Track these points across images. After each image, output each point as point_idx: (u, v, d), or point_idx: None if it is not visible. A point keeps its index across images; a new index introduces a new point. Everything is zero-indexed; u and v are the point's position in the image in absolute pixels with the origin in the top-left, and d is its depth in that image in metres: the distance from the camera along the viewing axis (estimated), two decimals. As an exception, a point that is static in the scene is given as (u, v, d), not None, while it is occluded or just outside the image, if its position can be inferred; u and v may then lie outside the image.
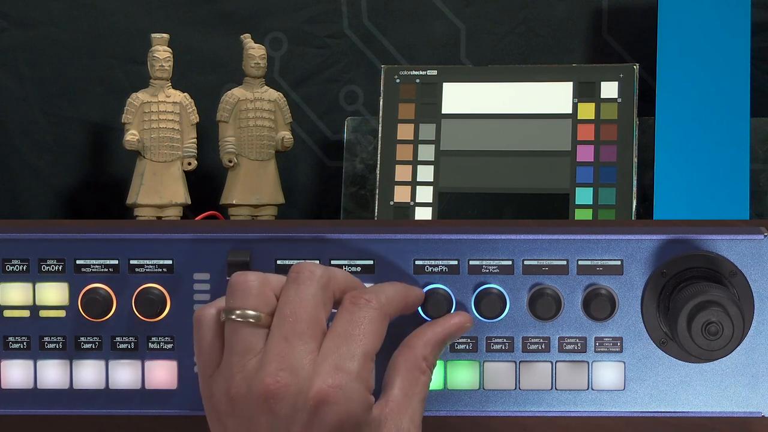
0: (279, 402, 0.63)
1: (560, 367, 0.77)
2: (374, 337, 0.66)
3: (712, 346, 0.70)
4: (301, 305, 0.65)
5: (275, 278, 0.67)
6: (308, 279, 0.66)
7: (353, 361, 0.64)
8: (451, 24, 1.14)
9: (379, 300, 0.67)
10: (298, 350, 0.64)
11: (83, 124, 1.16)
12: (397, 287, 0.71)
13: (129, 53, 1.14)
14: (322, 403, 0.63)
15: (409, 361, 0.68)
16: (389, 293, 0.68)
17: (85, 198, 1.16)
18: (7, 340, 0.78)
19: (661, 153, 0.96)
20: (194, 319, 0.68)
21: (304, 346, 0.64)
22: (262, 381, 0.63)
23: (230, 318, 0.65)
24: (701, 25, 0.98)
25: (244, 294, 0.66)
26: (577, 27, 1.13)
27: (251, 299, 0.66)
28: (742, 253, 0.76)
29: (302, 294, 0.65)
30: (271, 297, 0.66)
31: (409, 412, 0.67)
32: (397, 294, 0.70)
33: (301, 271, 0.66)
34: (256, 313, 0.65)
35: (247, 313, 0.65)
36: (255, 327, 0.65)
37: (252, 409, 0.63)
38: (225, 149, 1.01)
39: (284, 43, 1.15)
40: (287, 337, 0.64)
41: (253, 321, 0.65)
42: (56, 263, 0.77)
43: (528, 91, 0.99)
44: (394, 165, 0.99)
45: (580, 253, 0.76)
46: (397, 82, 1.01)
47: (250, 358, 0.64)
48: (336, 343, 0.64)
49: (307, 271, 0.66)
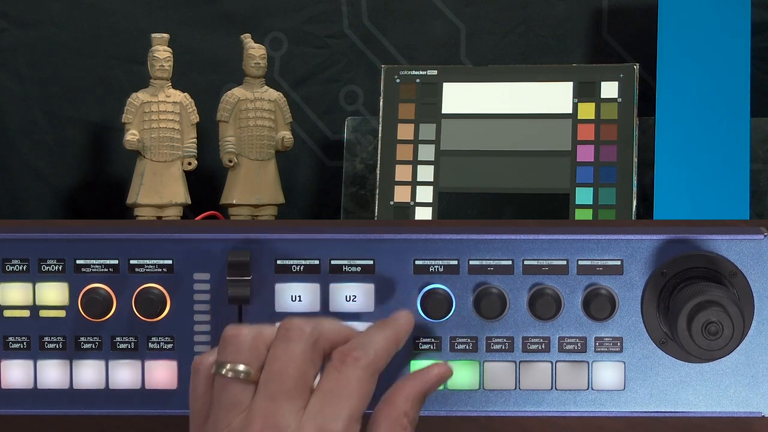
0: None
1: (560, 367, 0.77)
2: (361, 398, 0.64)
3: (712, 346, 0.70)
4: (289, 363, 0.64)
5: (269, 331, 0.66)
6: (297, 337, 0.64)
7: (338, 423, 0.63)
8: (451, 24, 1.14)
9: (368, 356, 0.65)
10: (284, 409, 0.63)
11: (83, 124, 1.16)
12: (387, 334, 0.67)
13: (129, 53, 1.14)
14: None
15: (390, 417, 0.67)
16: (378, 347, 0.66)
17: (85, 198, 1.16)
18: (7, 340, 0.78)
19: (661, 153, 0.96)
20: (192, 367, 0.67)
21: (291, 404, 0.63)
22: None
23: (220, 372, 0.65)
24: (701, 25, 0.98)
25: (236, 348, 0.65)
26: (577, 27, 1.13)
27: (242, 354, 0.64)
28: (742, 253, 0.76)
29: (291, 351, 0.64)
30: (264, 351, 0.65)
31: None
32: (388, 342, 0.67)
33: (290, 329, 0.65)
34: (245, 368, 0.64)
35: (237, 368, 0.64)
36: (244, 383, 0.64)
37: None
38: (225, 149, 1.01)
39: (284, 43, 1.15)
40: (273, 396, 0.63)
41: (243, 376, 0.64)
42: (56, 263, 0.77)
43: (528, 91, 0.99)
44: (394, 165, 0.99)
45: (580, 253, 0.76)
46: (397, 82, 1.01)
47: (236, 415, 0.64)
48: (322, 403, 0.63)
49: (296, 329, 0.65)
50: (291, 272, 0.78)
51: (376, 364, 0.65)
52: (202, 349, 0.78)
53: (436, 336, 0.78)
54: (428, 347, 0.78)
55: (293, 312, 0.78)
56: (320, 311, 0.78)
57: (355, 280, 0.78)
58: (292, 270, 0.78)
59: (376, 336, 0.67)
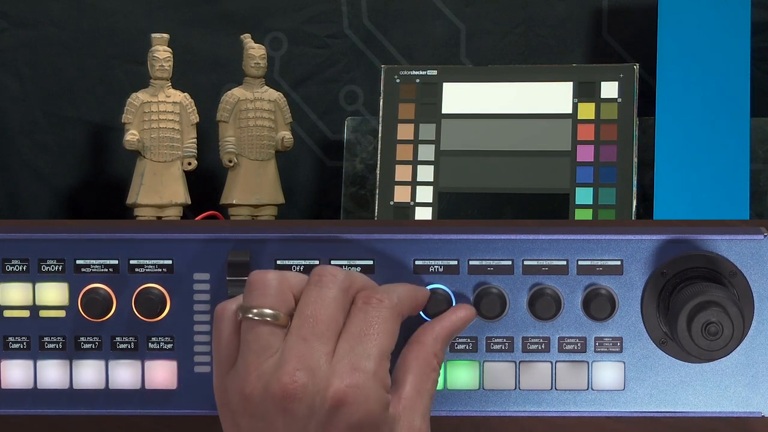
0: (296, 402, 0.63)
1: (560, 367, 0.77)
2: (388, 335, 0.66)
3: (712, 346, 0.70)
4: (322, 307, 0.65)
5: (294, 277, 0.67)
6: (330, 282, 0.66)
7: (369, 361, 0.64)
8: (451, 24, 1.14)
9: (391, 299, 0.67)
10: (317, 351, 0.64)
11: (83, 124, 1.16)
12: (408, 287, 0.71)
13: (129, 53, 1.14)
14: (340, 403, 0.62)
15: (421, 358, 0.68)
16: (401, 293, 0.68)
17: (85, 198, 1.16)
18: (7, 340, 0.78)
19: (661, 153, 0.96)
20: (215, 314, 0.68)
21: (323, 347, 0.64)
22: (279, 380, 0.63)
23: (247, 317, 0.65)
24: (701, 25, 0.98)
25: (263, 293, 0.65)
26: (577, 27, 1.13)
27: (269, 298, 0.65)
28: (742, 253, 0.76)
29: (324, 296, 0.65)
30: (290, 297, 0.66)
31: (421, 409, 0.67)
32: (408, 294, 0.70)
33: (323, 274, 0.66)
34: (274, 312, 0.65)
35: (265, 311, 0.65)
36: (272, 326, 0.65)
37: (268, 408, 0.63)
38: (225, 149, 1.01)
39: (284, 43, 1.15)
40: (306, 338, 0.64)
41: (271, 320, 0.65)
42: (56, 263, 0.77)
43: (528, 91, 0.99)
44: (394, 165, 0.99)
45: (580, 253, 0.76)
46: (397, 82, 1.01)
47: (267, 357, 0.64)
48: (351, 343, 0.64)
49: (329, 275, 0.66)
50: (291, 272, 0.78)
51: (399, 306, 0.67)
52: (202, 349, 0.78)
53: (436, 336, 0.78)
54: (428, 347, 0.78)
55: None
56: (320, 311, 0.78)
57: (355, 280, 0.78)
58: (292, 270, 0.78)
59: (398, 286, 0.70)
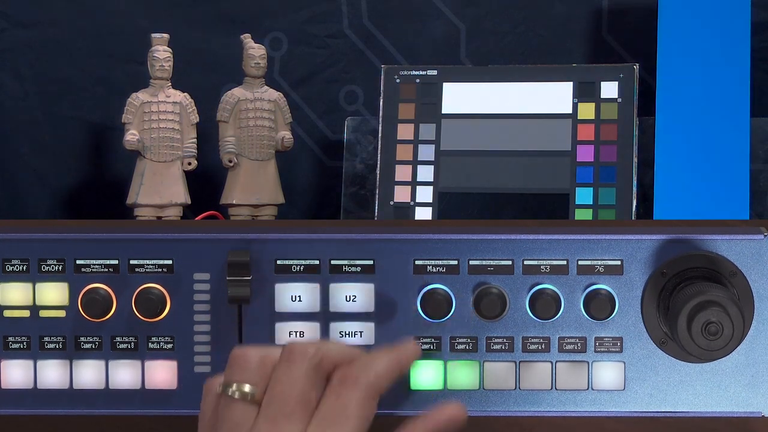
0: None
1: (560, 367, 0.77)
2: (362, 420, 0.63)
3: (712, 346, 0.70)
4: (290, 385, 0.63)
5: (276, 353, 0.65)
6: (299, 359, 0.64)
7: None
8: (451, 24, 1.14)
9: (368, 378, 0.64)
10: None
11: (83, 124, 1.16)
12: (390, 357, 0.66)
13: (129, 53, 1.14)
14: None
15: None
16: (380, 369, 0.65)
17: (85, 198, 1.16)
18: (7, 340, 0.78)
19: (661, 153, 0.96)
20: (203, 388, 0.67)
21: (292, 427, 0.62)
22: None
23: (225, 392, 0.65)
24: (701, 25, 0.98)
25: (242, 368, 0.64)
26: (577, 27, 1.13)
27: (248, 374, 0.64)
28: (742, 253, 0.76)
29: (293, 373, 0.63)
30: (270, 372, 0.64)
31: None
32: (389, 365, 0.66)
33: (293, 351, 0.64)
34: (251, 388, 0.64)
35: (243, 388, 0.64)
36: (247, 404, 0.64)
37: None
38: (225, 149, 1.01)
39: (284, 43, 1.15)
40: (275, 418, 0.63)
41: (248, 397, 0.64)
42: (56, 263, 0.77)
43: (528, 91, 0.99)
44: (394, 165, 0.99)
45: (580, 253, 0.76)
46: (397, 82, 1.01)
47: None
48: (322, 426, 0.63)
49: (299, 351, 0.64)
50: (291, 272, 0.78)
51: (376, 386, 0.64)
52: (202, 349, 0.78)
53: (436, 336, 0.78)
54: (428, 347, 0.78)
55: (293, 312, 0.78)
56: (320, 311, 0.78)
57: (355, 280, 0.78)
58: (292, 270, 0.78)
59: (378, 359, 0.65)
